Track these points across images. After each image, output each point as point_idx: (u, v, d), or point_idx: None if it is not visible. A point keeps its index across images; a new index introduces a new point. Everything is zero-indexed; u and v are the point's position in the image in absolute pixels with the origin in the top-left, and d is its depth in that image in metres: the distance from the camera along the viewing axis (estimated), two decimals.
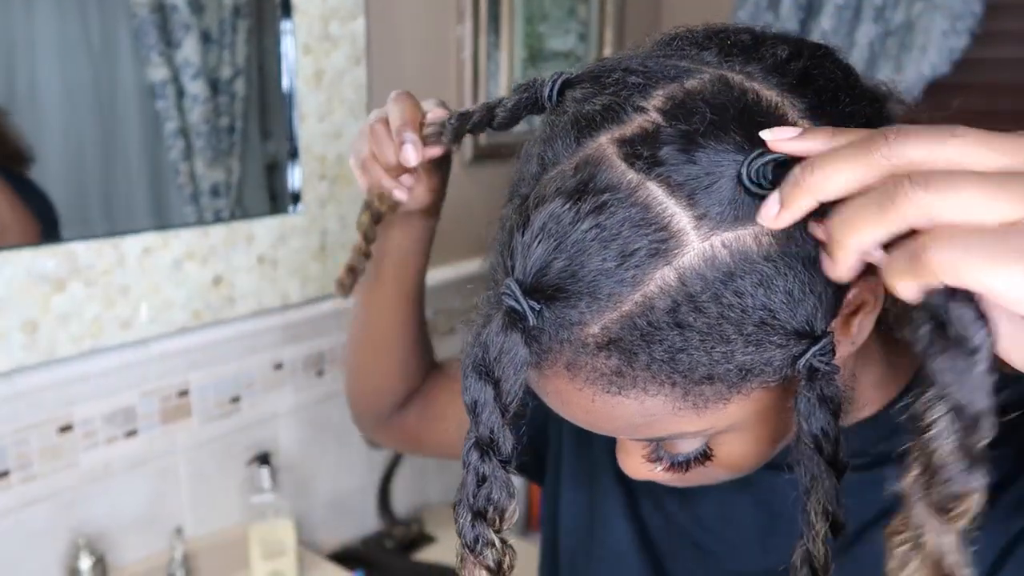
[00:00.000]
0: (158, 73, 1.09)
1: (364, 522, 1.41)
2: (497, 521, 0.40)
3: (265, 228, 1.18)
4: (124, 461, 1.09)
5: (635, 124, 0.40)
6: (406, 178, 0.64)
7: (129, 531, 1.11)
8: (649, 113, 0.40)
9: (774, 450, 0.46)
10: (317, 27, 1.19)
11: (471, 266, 1.47)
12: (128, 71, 1.07)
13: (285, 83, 1.19)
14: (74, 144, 1.04)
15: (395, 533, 1.40)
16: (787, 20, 1.56)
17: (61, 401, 1.02)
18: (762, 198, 0.37)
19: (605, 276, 0.38)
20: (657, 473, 0.48)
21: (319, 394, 1.30)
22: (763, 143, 0.38)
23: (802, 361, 0.39)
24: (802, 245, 0.39)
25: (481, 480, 0.40)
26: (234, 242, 1.14)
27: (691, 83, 0.40)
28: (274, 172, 1.23)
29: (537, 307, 0.39)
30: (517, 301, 0.39)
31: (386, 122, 0.62)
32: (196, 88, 1.12)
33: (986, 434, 0.32)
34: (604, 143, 0.40)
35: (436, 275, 1.40)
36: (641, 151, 0.39)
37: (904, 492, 0.34)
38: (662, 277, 0.38)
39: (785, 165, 0.37)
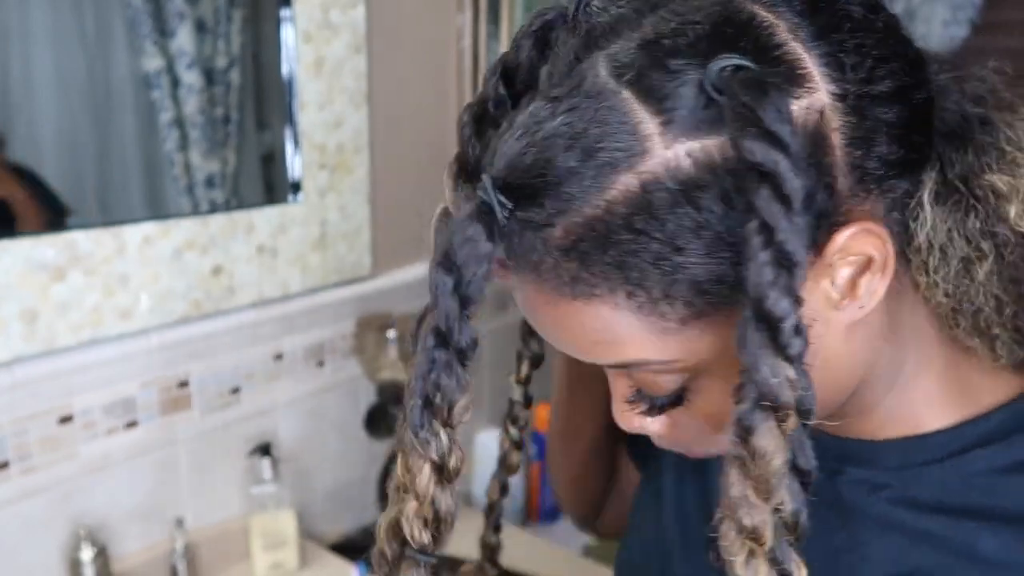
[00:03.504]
0: (152, 63, 1.08)
1: (365, 513, 1.41)
2: (446, 411, 0.40)
3: (265, 218, 1.17)
4: (124, 452, 1.08)
5: (622, 43, 0.40)
6: None
7: (130, 522, 1.11)
8: (644, 28, 0.40)
9: None
10: (317, 15, 1.18)
11: None
12: (122, 61, 1.06)
13: (285, 71, 1.18)
14: (68, 134, 1.03)
15: None
16: None
17: (61, 391, 1.01)
18: (729, 108, 0.37)
19: (569, 175, 0.38)
20: (648, 425, 0.47)
21: (319, 385, 1.29)
22: (728, 50, 0.38)
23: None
24: None
25: (431, 363, 0.40)
26: (234, 232, 1.14)
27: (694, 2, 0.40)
28: (270, 163, 1.23)
29: (508, 205, 0.39)
30: (487, 192, 0.39)
31: None
32: (191, 78, 1.11)
33: None
34: (598, 57, 0.40)
35: None
36: (623, 60, 0.39)
37: None
38: (624, 183, 0.38)
39: (743, 70, 0.37)
